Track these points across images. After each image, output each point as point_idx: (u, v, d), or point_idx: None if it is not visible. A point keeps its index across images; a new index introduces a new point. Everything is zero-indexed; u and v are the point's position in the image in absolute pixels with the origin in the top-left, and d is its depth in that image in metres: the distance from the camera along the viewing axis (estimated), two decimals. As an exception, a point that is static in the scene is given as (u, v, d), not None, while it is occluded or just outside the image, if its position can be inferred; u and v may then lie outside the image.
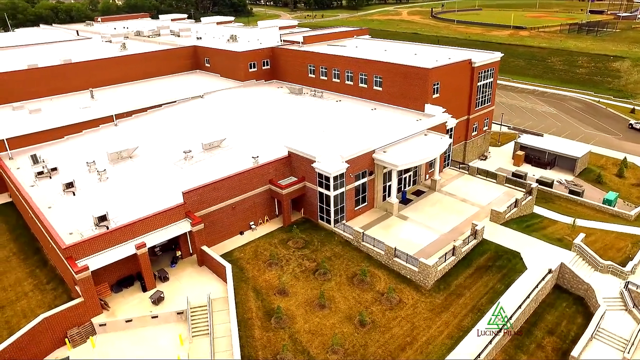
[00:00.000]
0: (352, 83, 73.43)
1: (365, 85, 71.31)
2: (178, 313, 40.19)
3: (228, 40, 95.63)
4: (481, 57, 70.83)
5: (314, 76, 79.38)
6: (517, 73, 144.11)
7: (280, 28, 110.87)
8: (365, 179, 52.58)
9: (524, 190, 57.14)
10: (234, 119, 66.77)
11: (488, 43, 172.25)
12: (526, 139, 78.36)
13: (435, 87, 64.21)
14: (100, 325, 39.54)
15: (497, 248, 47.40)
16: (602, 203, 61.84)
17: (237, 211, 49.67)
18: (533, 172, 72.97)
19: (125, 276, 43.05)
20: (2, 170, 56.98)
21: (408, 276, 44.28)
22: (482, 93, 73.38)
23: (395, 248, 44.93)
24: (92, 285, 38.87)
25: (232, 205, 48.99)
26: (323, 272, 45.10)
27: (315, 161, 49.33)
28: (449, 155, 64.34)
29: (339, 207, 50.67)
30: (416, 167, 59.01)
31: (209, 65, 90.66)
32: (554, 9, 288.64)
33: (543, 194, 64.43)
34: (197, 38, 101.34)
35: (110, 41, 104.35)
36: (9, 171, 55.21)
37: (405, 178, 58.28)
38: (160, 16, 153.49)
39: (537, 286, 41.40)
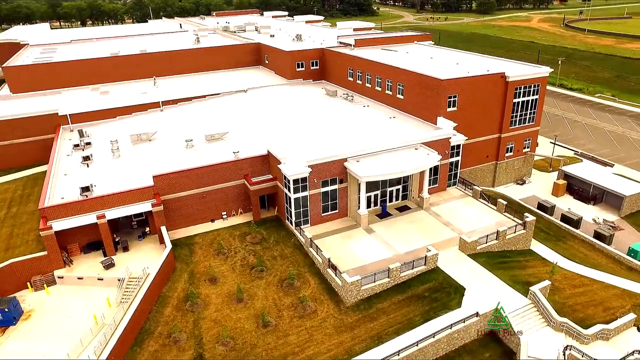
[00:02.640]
0: (380, 89, 72.13)
1: (391, 92, 69.55)
2: (118, 279, 45.24)
3: (293, 39, 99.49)
4: (519, 71, 64.34)
5: (352, 79, 79.45)
6: (635, 93, 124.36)
7: (355, 30, 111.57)
8: (335, 186, 52.22)
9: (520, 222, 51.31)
10: (259, 114, 69.98)
11: (610, 56, 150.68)
12: (572, 168, 68.89)
13: (451, 99, 60.35)
14: (58, 277, 46.42)
15: (444, 279, 43.90)
16: (627, 254, 52.43)
17: (207, 200, 53.29)
18: (570, 206, 64.30)
19: (95, 241, 49.36)
20: (55, 141, 68.15)
21: (336, 289, 43.58)
22: (521, 111, 66.45)
23: (329, 259, 44.49)
24: (55, 242, 45.73)
25: (202, 194, 52.74)
26: (260, 270, 46.62)
27: (281, 162, 50.63)
28: (455, 174, 60.05)
29: (301, 210, 51.26)
30: (405, 181, 56.54)
31: (267, 62, 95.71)
32: None
33: (560, 231, 56.78)
34: (271, 36, 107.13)
35: (197, 35, 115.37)
36: (57, 142, 65.89)
37: (391, 191, 56.26)
38: (264, 13, 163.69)
39: (450, 327, 37.71)
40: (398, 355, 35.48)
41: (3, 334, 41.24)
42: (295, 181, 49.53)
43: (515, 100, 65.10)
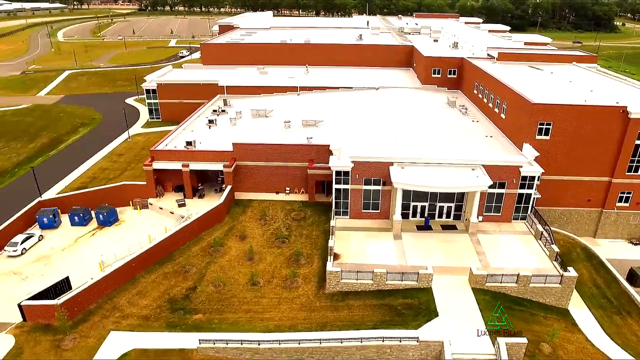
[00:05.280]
0: (491, 105, 68.13)
1: (497, 110, 65.35)
2: (181, 216, 57.21)
3: (449, 45, 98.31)
4: (651, 108, 53.28)
5: (475, 92, 76.24)
6: None
7: (526, 43, 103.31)
8: (378, 187, 53.96)
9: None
10: (367, 111, 73.87)
11: None
12: None
13: (544, 127, 54.36)
14: (150, 204, 61.05)
15: (427, 301, 42.49)
16: None
17: (275, 174, 61.23)
18: (684, 285, 51.23)
19: (182, 184, 62.43)
20: (203, 105, 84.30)
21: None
22: (650, 156, 54.99)
23: (331, 247, 47.73)
24: (152, 177, 60.22)
25: (272, 167, 60.89)
26: (282, 241, 52.85)
27: (333, 154, 55.00)
28: (525, 207, 54.29)
29: (341, 200, 54.84)
30: (460, 200, 54.27)
31: (415, 65, 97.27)
32: None
33: (629, 305, 46.77)
34: (434, 41, 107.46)
35: (378, 34, 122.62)
36: (203, 106, 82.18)
37: (441, 207, 54.84)
38: (461, 18, 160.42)
39: (382, 339, 37.40)
40: (320, 343, 37.62)
41: (101, 230, 57.40)
42: (338, 173, 53.36)
43: (639, 142, 54.20)
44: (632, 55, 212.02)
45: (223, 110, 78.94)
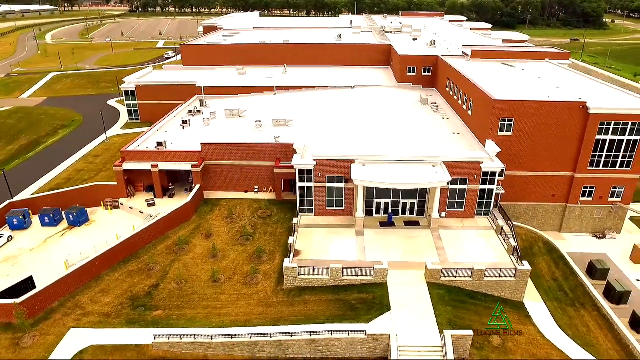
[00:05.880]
0: (460, 103, 68.98)
1: (465, 107, 66.20)
2: (150, 215, 57.89)
3: (427, 44, 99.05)
4: (609, 103, 54.18)
5: (448, 90, 77.10)
6: None
7: (504, 41, 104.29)
8: (341, 184, 54.70)
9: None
10: (340, 110, 74.74)
11: None
12: (668, 234, 54.50)
13: (505, 123, 55.19)
14: (120, 204, 61.73)
15: (381, 295, 43.20)
16: (652, 345, 41.36)
17: (244, 173, 61.93)
18: (639, 277, 52.18)
19: (152, 184, 63.11)
20: (179, 106, 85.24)
21: (285, 271, 47.58)
22: (610, 151, 55.75)
23: (291, 244, 48.49)
24: (122, 177, 60.85)
25: (240, 166, 61.59)
26: (246, 238, 53.57)
27: (297, 152, 55.74)
28: (486, 203, 55.10)
29: (305, 198, 55.59)
30: (423, 197, 55.05)
31: (392, 63, 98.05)
32: None
33: (585, 298, 47.63)
34: (413, 39, 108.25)
35: (359, 33, 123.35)
36: (180, 107, 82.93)
37: (404, 203, 55.60)
38: (445, 17, 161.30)
39: (331, 333, 38.29)
40: (270, 337, 38.39)
41: (71, 230, 58.07)
42: (301, 171, 54.10)
43: (599, 137, 54.98)
44: (619, 51, 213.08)
45: (199, 111, 79.62)
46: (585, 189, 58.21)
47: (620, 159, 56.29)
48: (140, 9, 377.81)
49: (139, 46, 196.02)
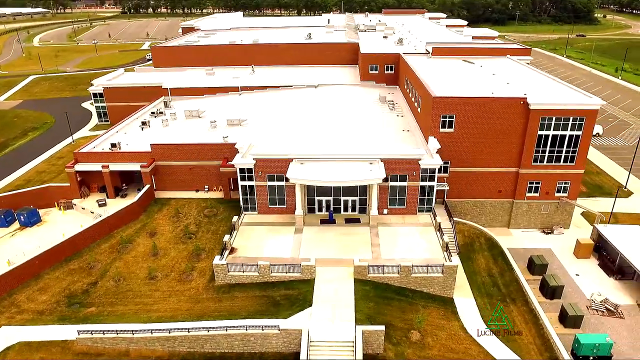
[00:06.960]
0: (413, 100, 69.54)
1: (417, 105, 66.73)
2: (100, 215, 58.77)
3: (395, 42, 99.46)
4: (549, 99, 54.66)
5: (406, 87, 77.65)
6: None
7: (474, 37, 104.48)
8: (282, 183, 55.34)
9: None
10: (298, 109, 75.67)
11: None
12: (608, 229, 54.75)
13: (447, 119, 55.70)
14: (74, 204, 62.63)
15: (306, 292, 43.74)
16: (572, 346, 41.68)
17: (193, 172, 62.69)
18: (586, 273, 52.63)
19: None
20: (143, 107, 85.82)
21: (221, 266, 48.22)
22: (553, 146, 56.07)
23: (226, 242, 49.15)
24: (74, 178, 61.77)
25: (190, 166, 62.36)
26: (188, 237, 54.43)
27: (239, 151, 56.48)
28: (428, 199, 55.65)
29: (247, 197, 56.30)
30: (363, 194, 55.63)
31: (359, 62, 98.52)
32: None
33: (517, 293, 48.12)
34: (384, 37, 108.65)
35: (332, 32, 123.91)
36: (143, 108, 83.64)
37: (345, 201, 56.23)
38: (427, 14, 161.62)
39: (246, 328, 39.06)
40: (188, 332, 39.18)
41: (22, 230, 59.00)
42: (242, 170, 54.87)
43: (542, 133, 55.39)
44: (606, 47, 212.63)
45: (161, 112, 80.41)
46: (531, 185, 58.66)
47: (563, 154, 56.73)
48: (132, 11, 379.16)
49: (125, 48, 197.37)
